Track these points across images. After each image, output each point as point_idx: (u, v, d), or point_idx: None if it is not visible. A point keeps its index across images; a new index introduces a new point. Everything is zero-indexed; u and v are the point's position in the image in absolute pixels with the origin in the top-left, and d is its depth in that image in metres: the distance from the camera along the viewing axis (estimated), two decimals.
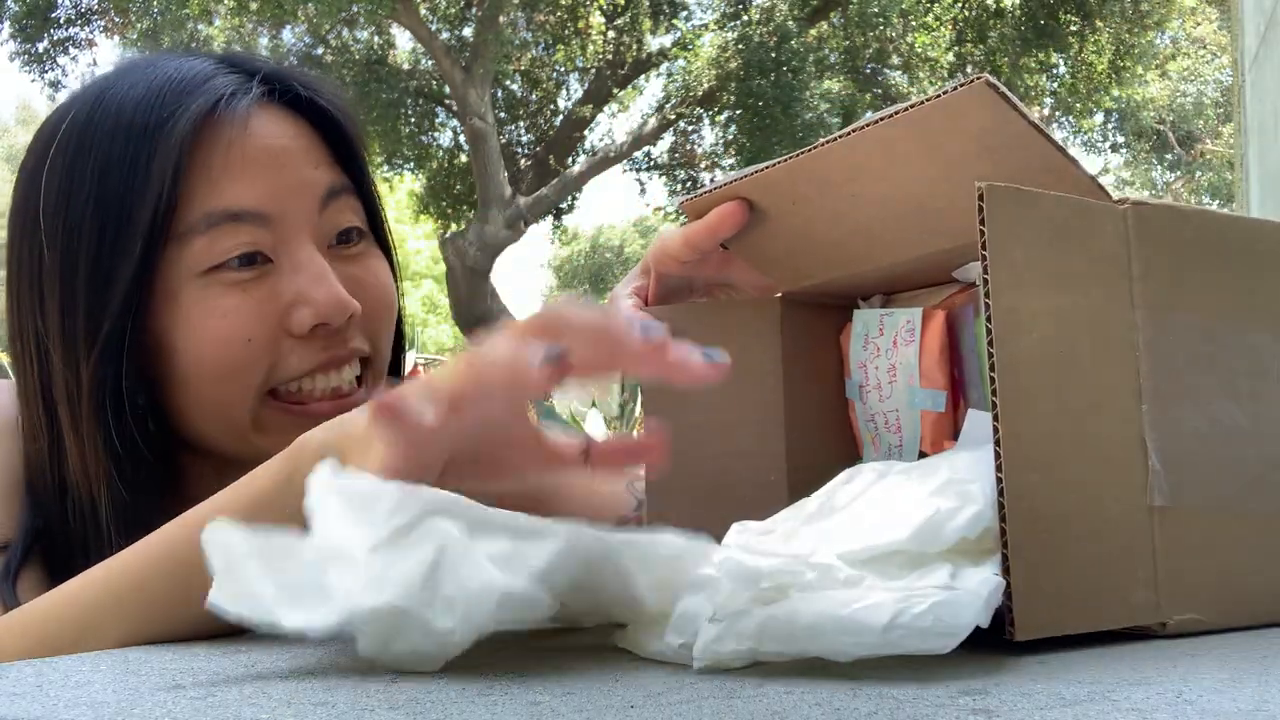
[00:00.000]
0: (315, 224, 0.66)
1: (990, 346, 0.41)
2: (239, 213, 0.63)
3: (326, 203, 0.67)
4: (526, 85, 14.38)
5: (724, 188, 0.60)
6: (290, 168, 0.65)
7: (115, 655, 0.45)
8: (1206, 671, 0.38)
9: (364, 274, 0.69)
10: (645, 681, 0.37)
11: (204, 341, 0.63)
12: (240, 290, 0.63)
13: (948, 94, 0.47)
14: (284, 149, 0.65)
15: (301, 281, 0.64)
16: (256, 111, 0.66)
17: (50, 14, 12.11)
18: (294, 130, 0.68)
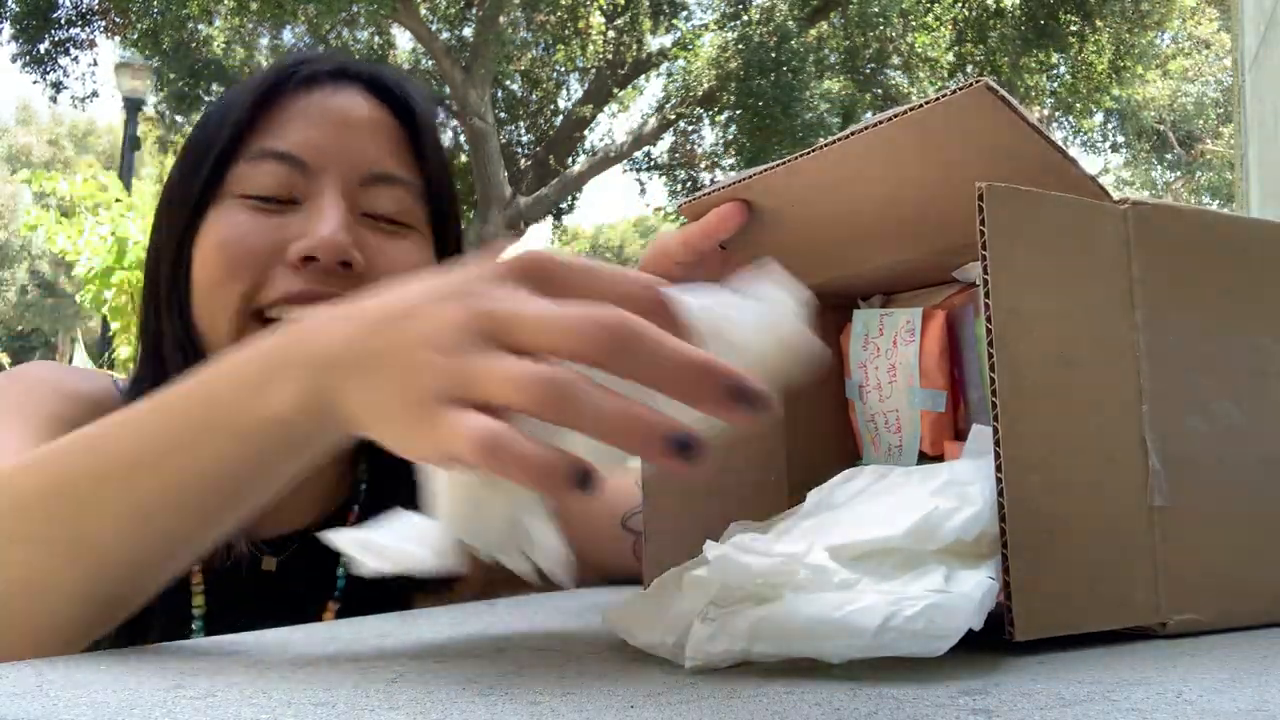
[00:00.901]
0: (351, 189, 0.70)
1: (990, 347, 0.41)
2: (283, 153, 0.69)
3: (371, 181, 0.70)
4: (526, 85, 14.37)
5: (722, 190, 0.60)
6: (348, 135, 0.70)
7: (115, 655, 0.45)
8: (1206, 671, 0.38)
9: (388, 248, 0.70)
10: (645, 681, 0.37)
11: (209, 245, 0.69)
12: (258, 213, 0.69)
13: (947, 96, 0.47)
14: (350, 120, 0.71)
15: (312, 219, 0.68)
16: (345, 89, 0.72)
17: (51, 14, 12.11)
18: (373, 114, 0.73)
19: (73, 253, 5.85)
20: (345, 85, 0.73)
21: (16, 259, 22.66)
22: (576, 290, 0.38)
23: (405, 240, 0.72)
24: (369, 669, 0.40)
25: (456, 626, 0.53)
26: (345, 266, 0.67)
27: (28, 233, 6.47)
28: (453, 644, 0.47)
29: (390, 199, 0.71)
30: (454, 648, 0.46)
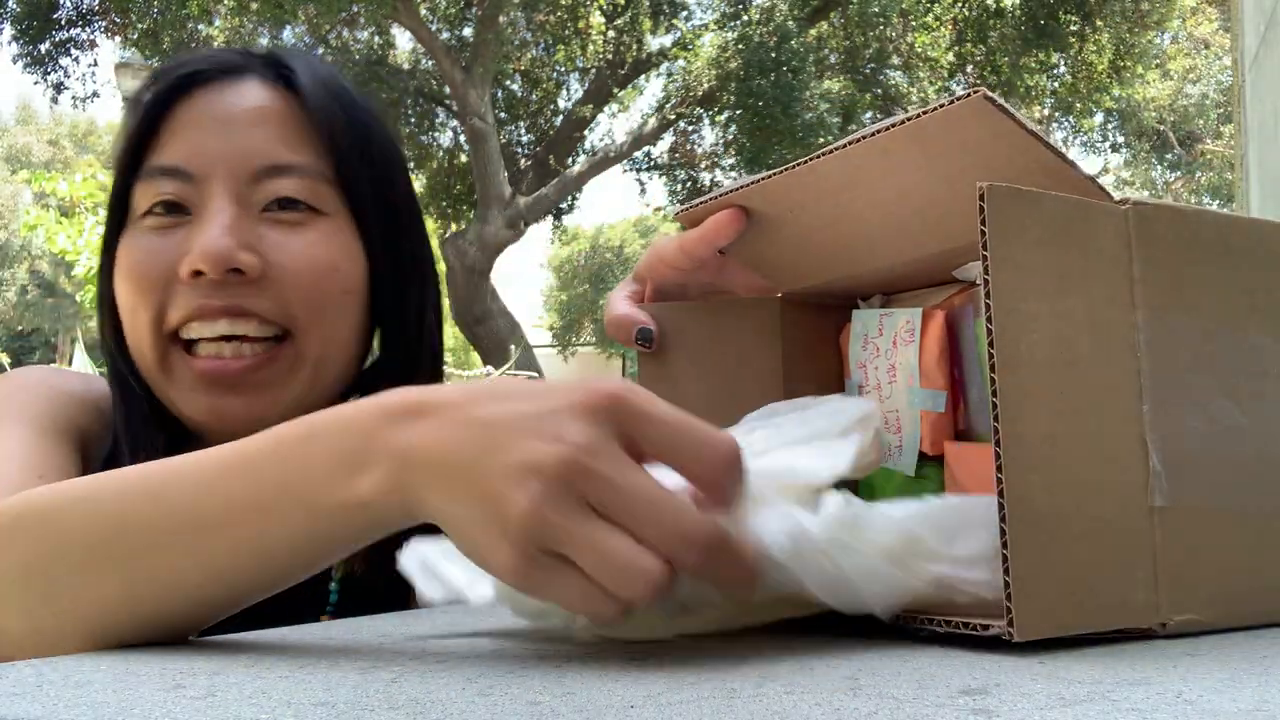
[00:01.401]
0: (242, 189, 0.68)
1: (991, 346, 0.41)
2: (168, 168, 0.68)
3: (267, 175, 0.68)
4: (526, 85, 14.37)
5: (720, 197, 0.60)
6: (231, 136, 0.68)
7: (115, 655, 0.45)
8: (1206, 671, 0.38)
9: (292, 238, 0.68)
10: (645, 681, 0.37)
11: (120, 273, 0.69)
12: (156, 234, 0.68)
13: (945, 106, 0.47)
14: (234, 118, 0.69)
15: (196, 231, 0.67)
16: (234, 83, 0.70)
17: (52, 15, 12.10)
18: (263, 104, 0.69)
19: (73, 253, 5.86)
20: (233, 80, 0.70)
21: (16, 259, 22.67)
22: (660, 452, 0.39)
23: (310, 229, 0.69)
24: (369, 669, 0.40)
25: (456, 626, 0.53)
26: (238, 273, 0.66)
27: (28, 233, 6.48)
28: (453, 644, 0.47)
29: (288, 188, 0.68)
30: (454, 648, 0.46)
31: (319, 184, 0.69)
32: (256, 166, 0.68)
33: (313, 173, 0.69)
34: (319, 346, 0.68)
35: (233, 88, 0.70)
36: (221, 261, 0.65)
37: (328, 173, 0.70)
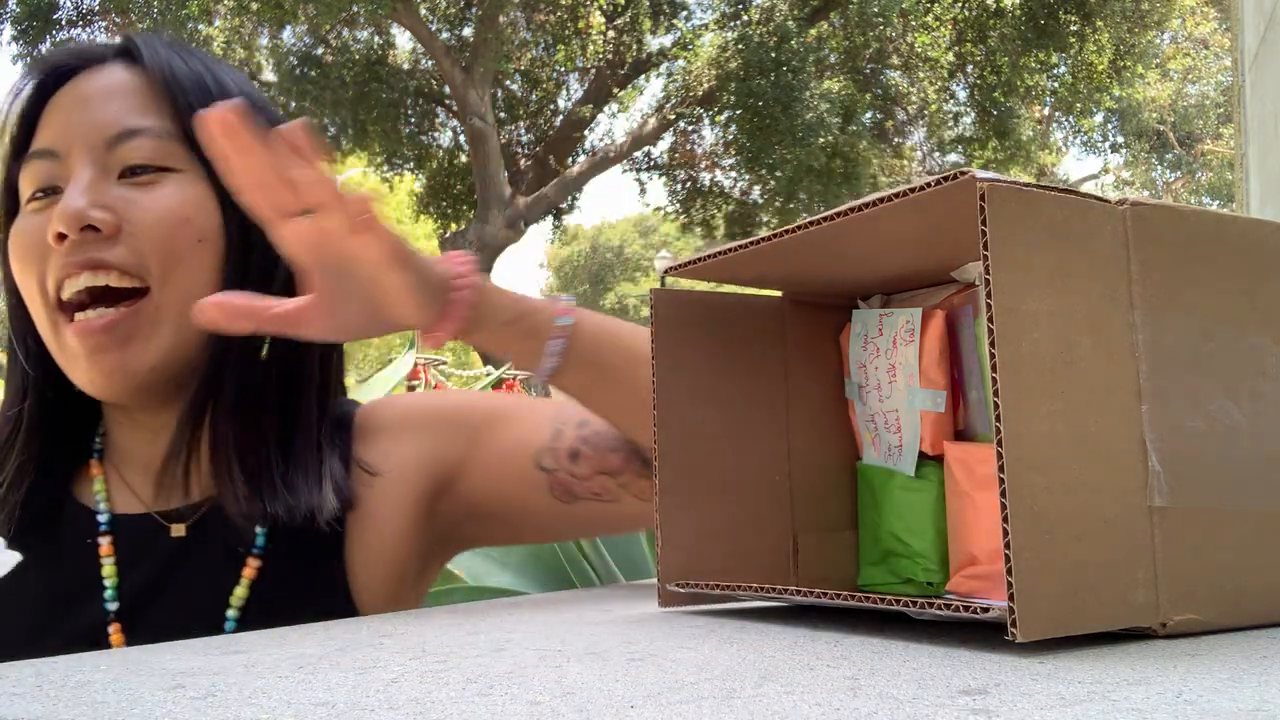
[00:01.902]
0: (100, 158, 0.73)
1: (991, 346, 0.41)
2: (39, 151, 0.74)
3: (116, 142, 0.73)
4: (526, 85, 14.37)
5: (706, 261, 0.59)
6: (88, 111, 0.74)
7: (115, 655, 0.45)
8: (1206, 671, 0.38)
9: (142, 197, 0.72)
10: (645, 681, 0.37)
11: (13, 259, 0.74)
12: (33, 215, 0.73)
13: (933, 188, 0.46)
14: (91, 96, 0.75)
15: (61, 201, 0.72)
16: (97, 70, 0.76)
17: (52, 16, 12.11)
18: (120, 81, 0.75)
19: None
20: (96, 68, 0.76)
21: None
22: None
23: (163, 185, 0.73)
24: (369, 669, 0.40)
25: (456, 626, 0.53)
26: (94, 230, 0.70)
27: None
28: (453, 644, 0.47)
29: (139, 149, 0.73)
30: (454, 648, 0.46)
31: (168, 143, 0.74)
32: (109, 134, 0.73)
33: (161, 133, 0.74)
34: (179, 296, 0.72)
35: (94, 74, 0.76)
36: (76, 219, 0.69)
37: (177, 132, 0.74)
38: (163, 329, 0.71)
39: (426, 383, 6.25)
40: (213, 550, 0.73)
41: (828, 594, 0.48)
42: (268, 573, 0.72)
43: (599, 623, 0.53)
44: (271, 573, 0.73)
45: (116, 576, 0.72)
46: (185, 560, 0.73)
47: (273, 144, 0.54)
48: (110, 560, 0.72)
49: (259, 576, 0.72)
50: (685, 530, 0.59)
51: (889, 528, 0.62)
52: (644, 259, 26.61)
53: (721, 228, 13.95)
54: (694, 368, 0.61)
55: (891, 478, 0.62)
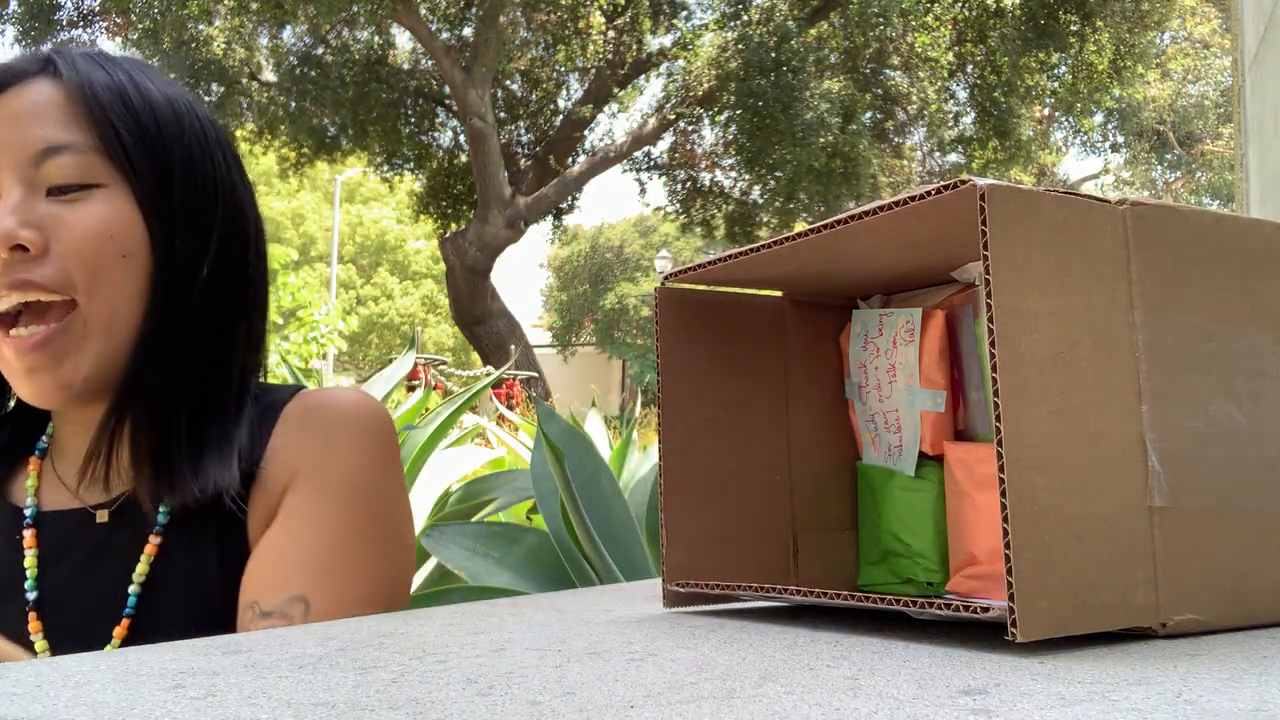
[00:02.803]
0: (29, 175, 0.75)
1: (991, 346, 0.41)
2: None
3: (42, 158, 0.75)
4: (526, 85, 14.37)
5: (705, 268, 0.59)
6: (15, 127, 0.76)
7: (115, 655, 0.45)
8: (1206, 671, 0.38)
9: (68, 214, 0.75)
10: (645, 681, 0.37)
11: None
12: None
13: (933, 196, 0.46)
14: (18, 113, 0.76)
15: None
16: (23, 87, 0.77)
17: (53, 17, 12.11)
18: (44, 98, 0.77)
19: None
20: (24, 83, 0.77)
21: None
22: None
23: (89, 202, 0.75)
24: (369, 669, 0.40)
25: (456, 626, 0.53)
26: (23, 249, 0.72)
27: None
28: (453, 644, 0.47)
29: (63, 166, 0.75)
30: (454, 648, 0.46)
31: (91, 157, 0.76)
32: (34, 151, 0.75)
33: (83, 148, 0.76)
34: (105, 309, 0.75)
35: (22, 90, 0.78)
36: (5, 240, 0.72)
37: (99, 146, 0.77)
38: (92, 341, 0.75)
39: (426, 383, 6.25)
40: (127, 535, 0.76)
41: (828, 594, 0.48)
42: (168, 548, 0.75)
43: (599, 623, 0.53)
44: (172, 548, 0.75)
45: (37, 568, 0.75)
46: (106, 547, 0.76)
47: None
48: (32, 552, 0.75)
49: (159, 553, 0.75)
50: (687, 530, 0.59)
51: (889, 528, 0.62)
52: (644, 259, 26.62)
53: (721, 228, 13.95)
54: (695, 368, 0.61)
55: (891, 478, 0.62)
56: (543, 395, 12.16)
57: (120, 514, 0.77)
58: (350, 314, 22.92)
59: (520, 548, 1.66)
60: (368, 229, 29.41)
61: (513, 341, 13.14)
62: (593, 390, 6.83)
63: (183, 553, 0.75)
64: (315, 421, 0.80)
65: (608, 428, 4.24)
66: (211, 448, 0.76)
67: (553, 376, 17.30)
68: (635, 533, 1.63)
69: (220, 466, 0.75)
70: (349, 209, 29.32)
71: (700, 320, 0.62)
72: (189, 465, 0.75)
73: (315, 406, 0.82)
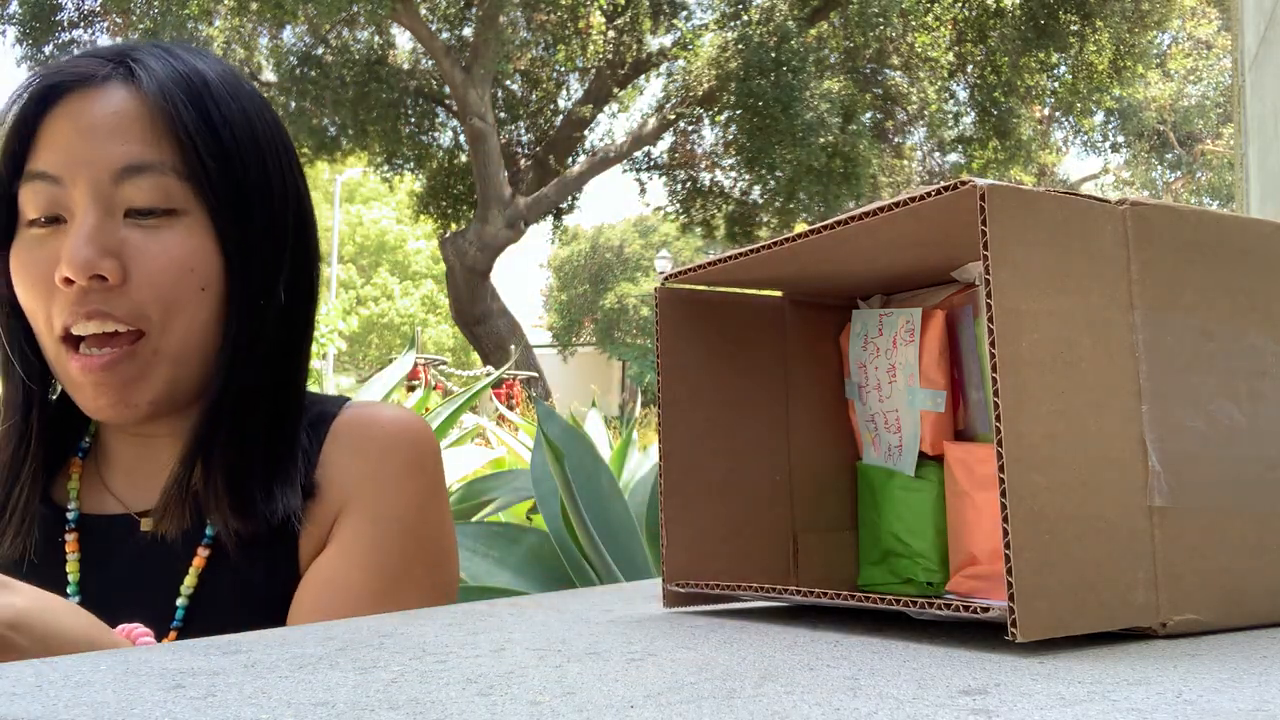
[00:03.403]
0: (106, 193, 0.72)
1: (991, 347, 0.41)
2: (41, 173, 0.73)
3: (123, 176, 0.72)
4: (526, 85, 14.38)
5: (704, 269, 0.59)
6: (92, 141, 0.72)
7: (115, 655, 0.45)
8: (1206, 671, 0.38)
9: (149, 244, 0.72)
10: (645, 681, 0.37)
11: (15, 277, 0.74)
12: (39, 243, 0.73)
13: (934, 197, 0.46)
14: (95, 125, 0.73)
15: (67, 239, 0.71)
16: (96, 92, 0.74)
17: (54, 17, 12.13)
18: (124, 105, 0.73)
19: None
20: (96, 87, 0.74)
21: None
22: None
23: (169, 231, 0.72)
24: (369, 669, 0.40)
25: (456, 626, 0.53)
26: (101, 279, 0.70)
27: None
28: (453, 644, 0.47)
29: (146, 188, 0.72)
30: (454, 648, 0.46)
31: (172, 180, 0.73)
32: (115, 169, 0.72)
33: (165, 169, 0.73)
34: (177, 342, 0.73)
35: (96, 94, 0.74)
36: (84, 270, 0.70)
37: (180, 167, 0.73)
38: (160, 369, 0.73)
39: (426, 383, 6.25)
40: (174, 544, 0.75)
41: (828, 594, 0.48)
42: (216, 561, 0.74)
43: (599, 623, 0.53)
44: (221, 561, 0.74)
45: (79, 573, 0.74)
46: (151, 556, 0.75)
47: None
48: (74, 556, 0.74)
49: (208, 566, 0.74)
50: (687, 530, 0.59)
51: (889, 528, 0.62)
52: (644, 259, 26.62)
53: (721, 228, 13.95)
54: (695, 368, 0.61)
55: (891, 478, 0.62)
56: (543, 395, 12.16)
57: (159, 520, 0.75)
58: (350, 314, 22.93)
59: (520, 548, 1.66)
60: (368, 229, 29.41)
61: (513, 341, 13.15)
62: (593, 390, 6.83)
63: (231, 566, 0.74)
64: (367, 445, 0.78)
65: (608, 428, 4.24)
66: (281, 471, 0.75)
67: (553, 376, 17.30)
68: (635, 533, 1.63)
69: (289, 491, 0.74)
70: (349, 209, 29.32)
71: (700, 320, 0.62)
72: (262, 493, 0.73)
73: (366, 426, 0.80)
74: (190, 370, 0.74)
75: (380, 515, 0.76)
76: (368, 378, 3.21)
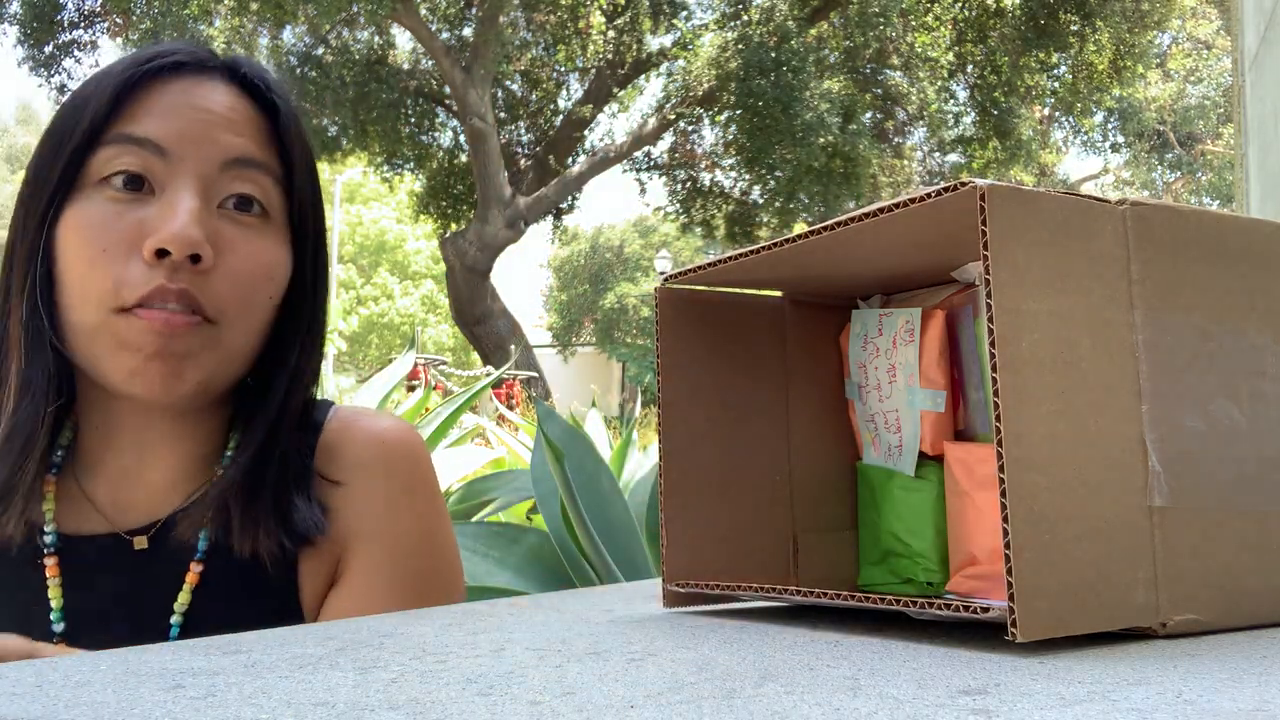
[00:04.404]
0: (210, 177, 0.71)
1: (991, 347, 0.41)
2: (141, 139, 0.70)
3: (232, 166, 0.71)
4: (526, 85, 14.38)
5: (703, 270, 0.59)
6: (208, 124, 0.71)
7: (115, 655, 0.45)
8: (1206, 671, 0.38)
9: (241, 241, 0.71)
10: (645, 681, 0.37)
11: (71, 235, 0.69)
12: (115, 205, 0.70)
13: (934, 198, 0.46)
14: (210, 110, 0.72)
15: (165, 212, 0.69)
16: (206, 79, 0.73)
17: (55, 18, 12.14)
18: (235, 105, 0.73)
19: None
20: (205, 76, 0.74)
21: None
22: None
23: (259, 236, 0.72)
24: (369, 669, 0.40)
25: (456, 626, 0.53)
26: (194, 260, 0.68)
27: None
28: (453, 644, 0.47)
29: (251, 182, 0.72)
30: (454, 648, 0.46)
31: (275, 186, 0.74)
32: (226, 158, 0.71)
33: (274, 174, 0.74)
34: (237, 339, 0.72)
35: (207, 83, 0.73)
36: (189, 246, 0.67)
37: (281, 177, 0.74)
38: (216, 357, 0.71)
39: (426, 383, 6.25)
40: (165, 561, 0.72)
41: (828, 594, 0.48)
42: (211, 577, 0.72)
43: (599, 623, 0.53)
44: (216, 576, 0.72)
45: (62, 599, 0.70)
46: (142, 575, 0.72)
47: None
48: (55, 581, 0.70)
49: (201, 582, 0.71)
50: (687, 530, 0.59)
51: (889, 528, 0.62)
52: (644, 259, 26.63)
53: (721, 228, 13.95)
54: (695, 367, 0.61)
55: (891, 478, 0.62)
56: (543, 395, 12.16)
57: (156, 539, 0.72)
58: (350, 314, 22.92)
59: (520, 548, 1.66)
60: (368, 229, 29.42)
61: (513, 342, 13.15)
62: (593, 390, 6.83)
63: (226, 580, 0.72)
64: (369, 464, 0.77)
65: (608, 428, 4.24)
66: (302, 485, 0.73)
67: (553, 376, 17.30)
68: (635, 533, 1.63)
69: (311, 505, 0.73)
70: (349, 209, 29.33)
71: (700, 320, 0.62)
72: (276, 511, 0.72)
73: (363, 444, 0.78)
74: (231, 372, 0.73)
75: (395, 546, 0.76)
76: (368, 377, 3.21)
